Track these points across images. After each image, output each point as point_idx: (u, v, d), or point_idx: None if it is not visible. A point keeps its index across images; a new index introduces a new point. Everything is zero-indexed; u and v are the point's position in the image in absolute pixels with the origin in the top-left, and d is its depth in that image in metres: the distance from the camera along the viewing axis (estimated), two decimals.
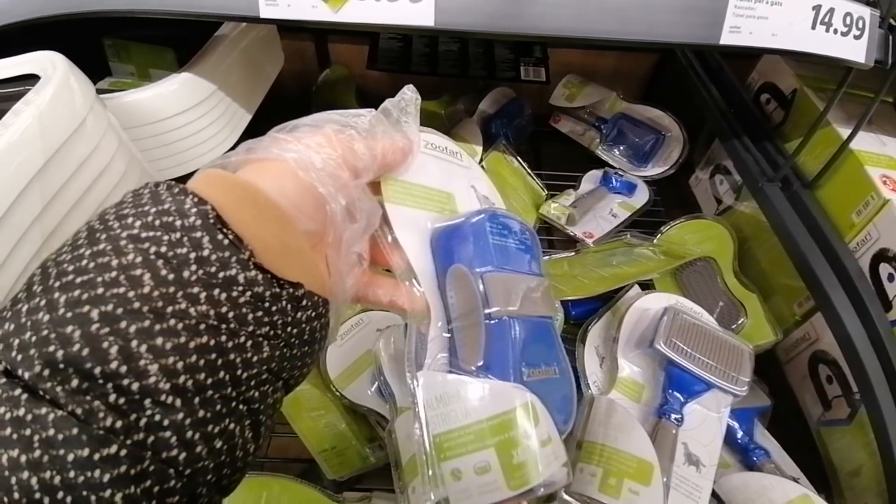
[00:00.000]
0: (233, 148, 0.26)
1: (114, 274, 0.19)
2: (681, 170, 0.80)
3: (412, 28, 0.42)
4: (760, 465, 0.50)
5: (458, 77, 0.84)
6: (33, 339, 0.18)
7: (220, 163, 0.24)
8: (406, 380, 0.50)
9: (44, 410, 0.17)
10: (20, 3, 0.43)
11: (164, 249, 0.19)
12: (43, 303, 0.18)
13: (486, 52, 0.87)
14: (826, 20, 0.45)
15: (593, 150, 0.84)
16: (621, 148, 0.83)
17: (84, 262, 0.19)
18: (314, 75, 0.89)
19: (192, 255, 0.20)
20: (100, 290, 0.18)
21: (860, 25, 0.46)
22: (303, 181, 0.24)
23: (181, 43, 0.61)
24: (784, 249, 0.57)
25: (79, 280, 0.19)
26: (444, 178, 0.33)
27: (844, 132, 0.56)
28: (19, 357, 0.17)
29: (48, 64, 0.41)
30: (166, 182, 0.22)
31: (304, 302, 0.23)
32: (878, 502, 0.47)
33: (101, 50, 0.68)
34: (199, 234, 0.20)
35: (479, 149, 0.76)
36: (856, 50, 0.46)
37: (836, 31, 0.45)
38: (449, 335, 0.30)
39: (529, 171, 0.78)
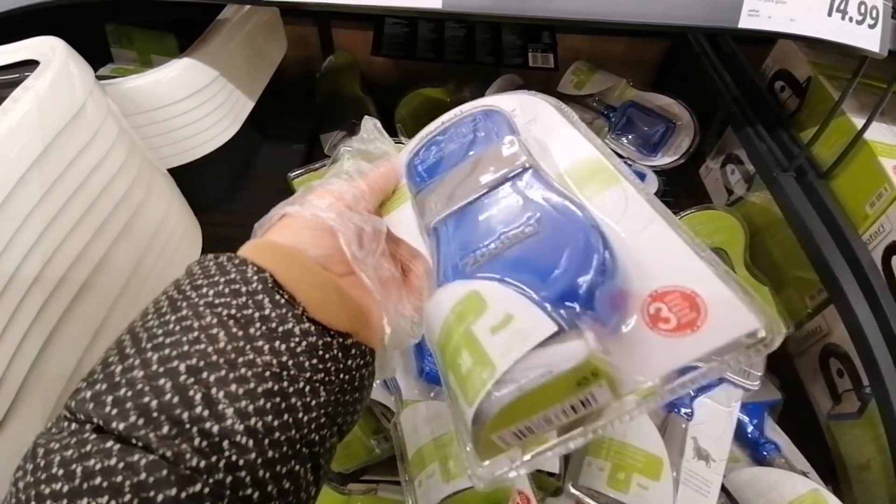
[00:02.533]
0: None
1: (196, 334, 0.22)
2: (691, 159, 0.78)
3: (419, 11, 0.41)
4: (770, 459, 0.50)
5: (464, 63, 0.83)
6: (128, 393, 0.20)
7: (259, 235, 0.29)
8: (411, 373, 0.50)
9: (136, 457, 0.19)
10: None
11: (234, 312, 0.23)
12: (137, 362, 0.21)
13: (494, 38, 0.86)
14: (841, 7, 0.44)
15: (602, 139, 0.82)
16: (630, 137, 0.81)
17: (171, 325, 0.23)
18: (318, 62, 0.88)
19: (257, 315, 0.23)
20: (185, 348, 0.22)
21: (874, 15, 0.45)
22: (306, 219, 0.28)
23: (183, 28, 0.60)
24: (798, 241, 0.56)
25: (168, 341, 0.22)
26: None
27: (858, 122, 0.55)
28: (114, 411, 0.20)
29: (48, 49, 0.40)
30: (226, 255, 0.26)
31: (353, 350, 0.26)
32: (886, 496, 0.47)
33: (103, 36, 0.67)
34: (260, 297, 0.24)
35: None
36: (870, 39, 0.46)
37: (851, 19, 0.45)
38: None
39: None
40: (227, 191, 0.71)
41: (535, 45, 0.84)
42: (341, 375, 0.25)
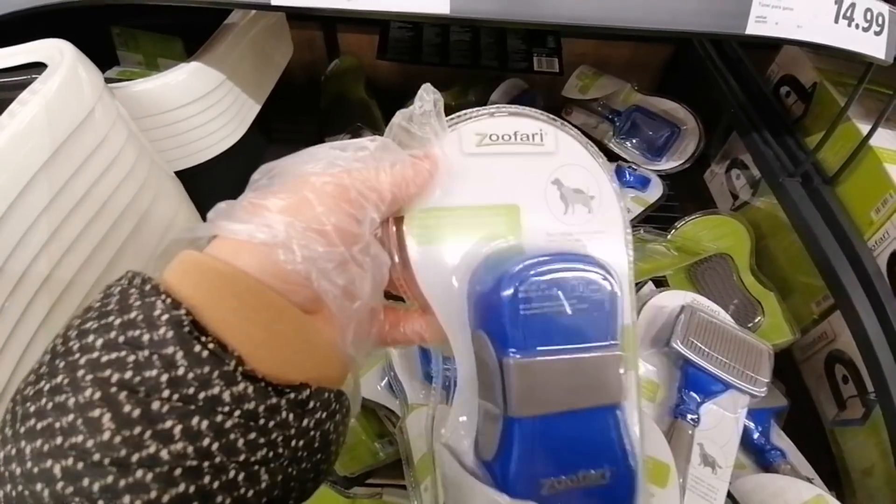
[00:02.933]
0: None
1: (71, 418, 0.16)
2: (696, 164, 0.78)
3: (427, 16, 0.41)
4: (776, 465, 0.50)
5: (469, 68, 0.83)
6: (13, 493, 0.16)
7: (192, 236, 0.21)
8: (416, 377, 0.50)
9: None
10: None
11: (128, 376, 0.17)
12: (14, 452, 0.17)
13: (499, 43, 0.86)
14: (848, 14, 0.44)
15: (606, 144, 0.82)
16: (635, 141, 0.81)
17: (43, 401, 0.17)
18: (323, 65, 0.88)
19: (164, 378, 0.17)
20: (59, 440, 0.16)
21: (880, 21, 0.45)
22: (283, 265, 0.20)
23: (190, 32, 0.60)
24: (804, 247, 0.56)
25: (39, 427, 0.17)
26: (508, 181, 0.26)
27: (864, 128, 0.55)
28: None
29: (55, 52, 0.40)
30: (141, 276, 0.19)
31: (312, 404, 0.20)
32: (889, 502, 0.47)
33: (108, 38, 0.68)
34: (171, 350, 0.17)
35: None
36: (876, 46, 0.46)
37: (857, 27, 0.45)
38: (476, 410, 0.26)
39: None
40: (232, 193, 0.71)
41: (539, 49, 0.84)
42: (293, 443, 0.19)
